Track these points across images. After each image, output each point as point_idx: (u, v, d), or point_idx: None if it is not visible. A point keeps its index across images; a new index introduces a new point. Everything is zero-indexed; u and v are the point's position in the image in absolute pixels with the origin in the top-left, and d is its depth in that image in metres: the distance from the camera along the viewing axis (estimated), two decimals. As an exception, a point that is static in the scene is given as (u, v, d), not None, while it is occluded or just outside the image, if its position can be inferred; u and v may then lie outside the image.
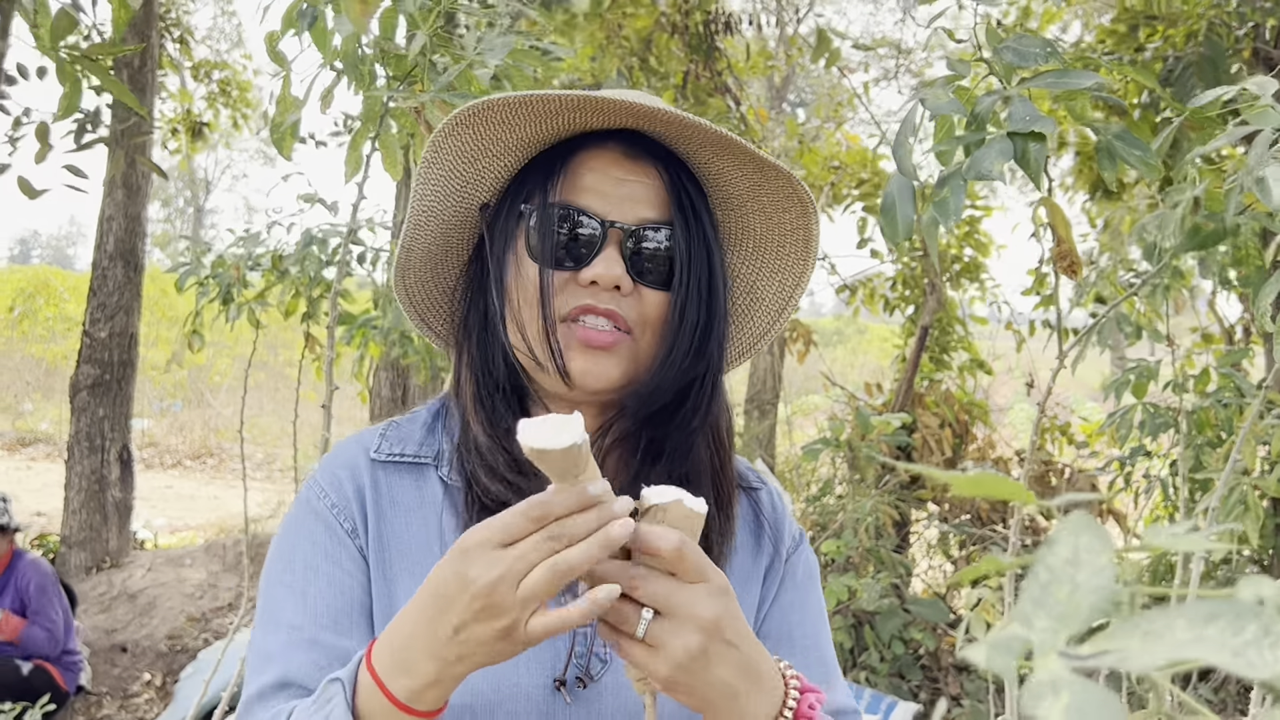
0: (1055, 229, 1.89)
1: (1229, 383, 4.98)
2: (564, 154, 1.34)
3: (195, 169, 41.33)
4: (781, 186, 1.34)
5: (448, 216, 1.39)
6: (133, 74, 8.20)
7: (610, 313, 1.29)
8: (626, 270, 1.29)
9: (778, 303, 1.47)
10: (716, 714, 1.08)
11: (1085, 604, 0.46)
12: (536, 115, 1.29)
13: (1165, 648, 0.42)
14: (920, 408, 8.42)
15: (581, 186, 1.31)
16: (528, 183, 1.35)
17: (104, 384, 8.12)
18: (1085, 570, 0.47)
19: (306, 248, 3.57)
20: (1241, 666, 0.40)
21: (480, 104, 1.27)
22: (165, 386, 19.17)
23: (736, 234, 1.44)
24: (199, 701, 4.47)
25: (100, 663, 7.04)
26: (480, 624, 0.98)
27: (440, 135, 1.31)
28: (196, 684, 6.25)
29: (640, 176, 1.32)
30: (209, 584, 7.97)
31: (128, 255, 8.18)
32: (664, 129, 1.31)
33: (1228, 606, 0.42)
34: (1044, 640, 0.45)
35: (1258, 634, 0.41)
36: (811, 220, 1.37)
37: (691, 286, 1.32)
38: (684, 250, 1.31)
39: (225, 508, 12.15)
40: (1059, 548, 0.49)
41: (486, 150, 1.34)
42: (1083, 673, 0.43)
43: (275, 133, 2.07)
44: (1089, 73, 1.63)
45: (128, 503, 8.41)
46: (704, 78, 7.96)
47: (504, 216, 1.36)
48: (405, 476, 1.37)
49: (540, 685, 1.28)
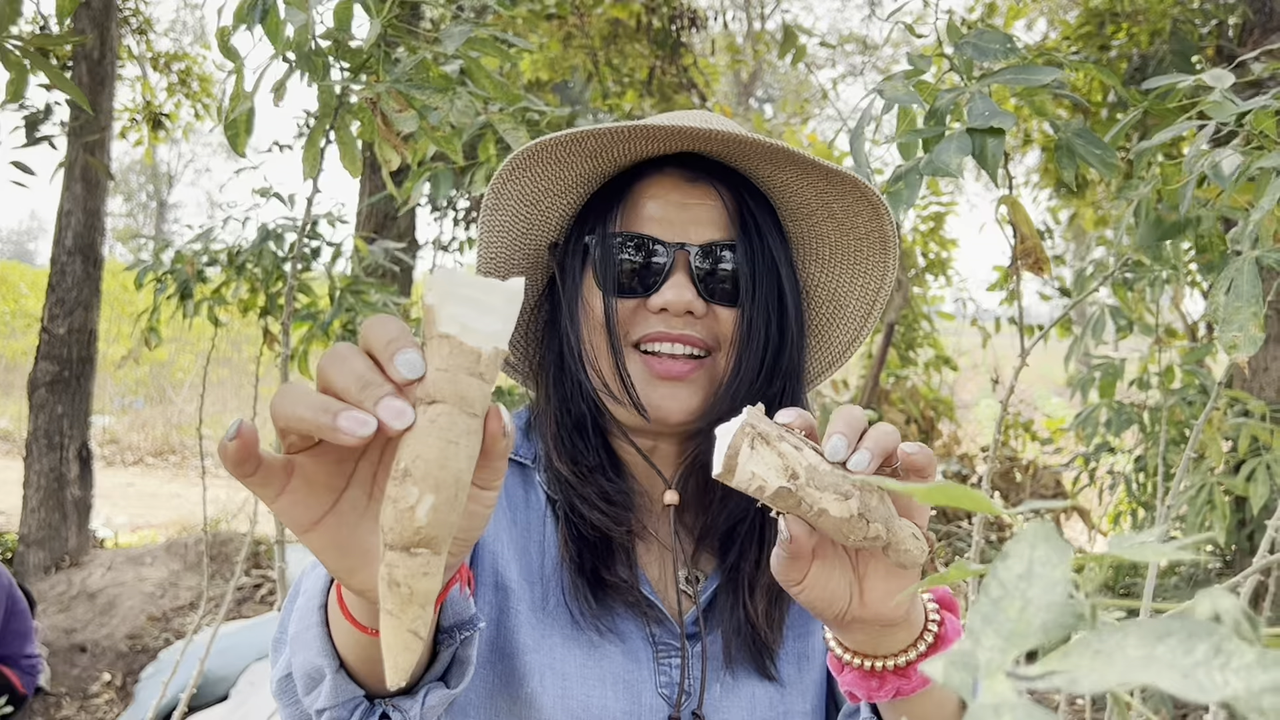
0: (1018, 226, 1.89)
1: (1193, 380, 5.01)
2: (624, 184, 1.33)
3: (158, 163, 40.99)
4: (849, 191, 1.32)
5: (518, 259, 1.39)
6: (92, 66, 8.09)
7: (683, 337, 1.28)
8: (698, 293, 1.28)
9: (862, 309, 1.43)
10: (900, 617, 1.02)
11: (1036, 621, 0.45)
12: (590, 151, 1.28)
13: (1115, 669, 0.40)
14: (886, 404, 8.46)
15: (644, 215, 1.30)
16: (591, 217, 1.34)
17: (63, 381, 8.03)
18: (1038, 585, 0.46)
19: (263, 243, 3.53)
20: (1191, 689, 0.38)
21: (534, 146, 1.26)
22: (126, 383, 18.99)
23: (811, 243, 1.42)
24: (158, 703, 4.42)
25: (59, 663, 6.96)
26: None
27: (499, 181, 1.30)
28: (157, 684, 6.19)
29: (701, 199, 1.31)
30: (170, 583, 7.89)
31: (87, 250, 8.08)
32: (722, 149, 1.30)
33: (1180, 625, 0.41)
34: (991, 659, 0.43)
35: (1208, 654, 0.39)
36: (885, 222, 1.35)
37: (759, 304, 1.30)
38: (749, 268, 1.30)
39: (187, 506, 12.05)
40: (1013, 561, 0.47)
41: (547, 190, 1.34)
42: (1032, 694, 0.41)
43: (229, 129, 2.04)
44: (1048, 68, 1.63)
45: (87, 501, 8.32)
46: (669, 74, 7.95)
47: (570, 253, 1.35)
48: (512, 473, 1.38)
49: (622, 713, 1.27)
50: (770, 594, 1.32)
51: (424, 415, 0.69)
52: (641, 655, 1.30)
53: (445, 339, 0.70)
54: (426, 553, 0.67)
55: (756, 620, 1.31)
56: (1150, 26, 5.66)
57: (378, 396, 0.70)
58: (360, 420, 0.69)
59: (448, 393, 0.69)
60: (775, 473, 0.87)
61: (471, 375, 0.70)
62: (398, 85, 2.07)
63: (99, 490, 8.75)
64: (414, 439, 0.68)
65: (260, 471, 0.74)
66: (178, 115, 11.23)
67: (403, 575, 0.67)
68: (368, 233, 7.30)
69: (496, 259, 1.36)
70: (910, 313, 8.78)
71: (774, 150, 1.26)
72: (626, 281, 1.28)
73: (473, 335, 0.70)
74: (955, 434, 9.04)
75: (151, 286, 3.97)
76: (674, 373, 1.27)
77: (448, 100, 2.16)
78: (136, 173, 40.03)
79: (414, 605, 0.67)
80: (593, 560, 1.29)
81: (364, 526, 0.80)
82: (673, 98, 8.01)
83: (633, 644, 1.30)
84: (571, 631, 1.29)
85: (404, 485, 0.67)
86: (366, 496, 0.80)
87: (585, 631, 1.29)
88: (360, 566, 0.80)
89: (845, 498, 0.88)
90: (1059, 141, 1.70)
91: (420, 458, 0.67)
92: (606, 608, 1.29)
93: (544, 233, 1.39)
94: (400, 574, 0.67)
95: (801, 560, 0.97)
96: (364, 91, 2.12)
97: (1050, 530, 0.47)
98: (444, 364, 0.69)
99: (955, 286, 9.20)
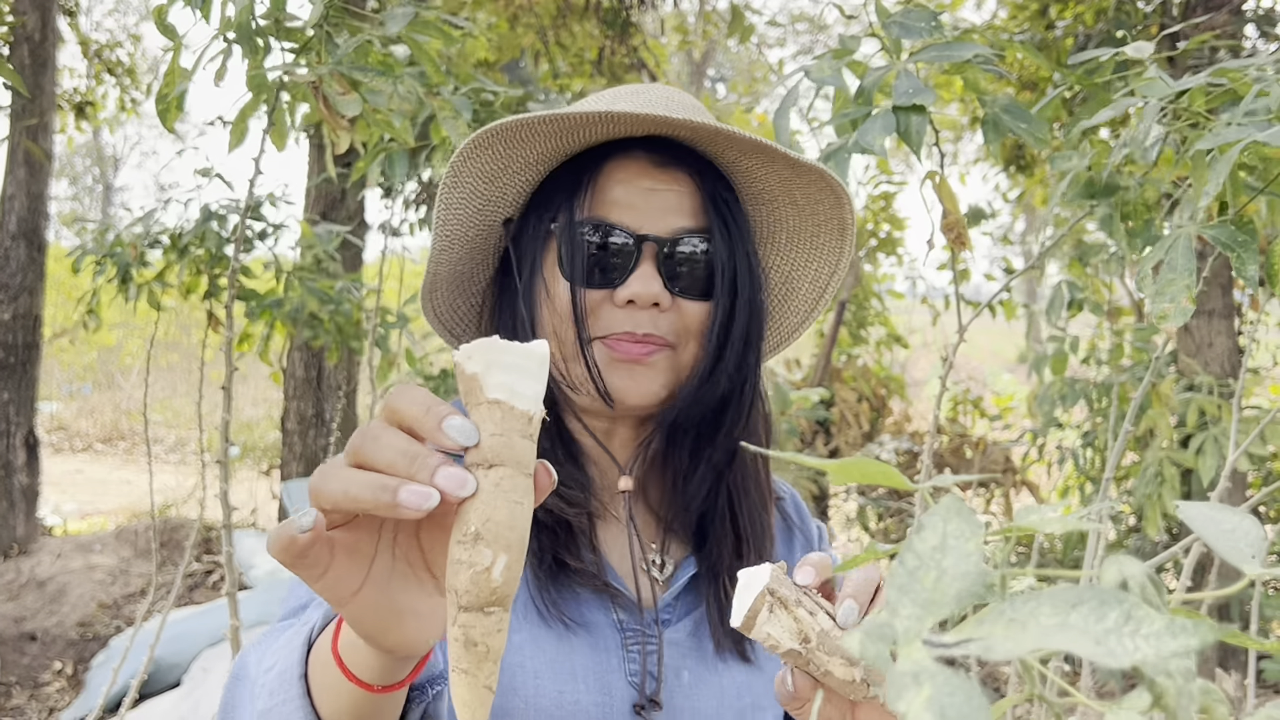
0: (942, 202, 1.91)
1: (1143, 356, 5.08)
2: (589, 165, 1.29)
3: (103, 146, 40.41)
4: (814, 180, 1.30)
5: (472, 235, 1.35)
6: (33, 48, 7.98)
7: (648, 337, 1.25)
8: (664, 285, 1.25)
9: (814, 291, 1.42)
10: None
11: (951, 590, 0.45)
12: (556, 131, 1.25)
13: (1029, 636, 0.41)
14: (838, 382, 8.51)
15: (610, 200, 1.26)
16: (554, 197, 1.31)
17: (8, 367, 7.93)
18: (952, 556, 0.46)
19: (204, 224, 3.49)
20: (1103, 655, 0.39)
21: (499, 126, 1.23)
22: (74, 369, 18.78)
23: (769, 228, 1.40)
24: (108, 690, 4.39)
25: (9, 652, 6.89)
26: None
27: (459, 159, 1.26)
28: (108, 672, 6.14)
29: (670, 184, 1.28)
30: (120, 570, 7.82)
31: (30, 235, 7.98)
32: (691, 134, 1.27)
33: (1091, 593, 0.41)
34: (909, 628, 0.44)
35: (1119, 620, 0.40)
36: (845, 210, 1.33)
37: (737, 296, 1.28)
38: (725, 257, 1.27)
39: (136, 491, 11.93)
40: (927, 534, 0.47)
41: (507, 168, 1.30)
42: (947, 661, 0.41)
43: (160, 104, 2.01)
44: (969, 44, 1.65)
45: (34, 488, 8.23)
46: (619, 54, 7.92)
47: (529, 234, 1.32)
48: None
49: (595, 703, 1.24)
50: None
51: (486, 479, 0.71)
52: (610, 644, 1.28)
53: (496, 404, 0.73)
54: (499, 610, 0.71)
55: None
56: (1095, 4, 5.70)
57: (432, 468, 0.72)
58: (423, 494, 0.70)
59: (506, 456, 0.72)
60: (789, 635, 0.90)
61: (524, 438, 0.73)
62: (339, 68, 2.05)
63: (47, 477, 8.67)
64: (481, 503, 0.71)
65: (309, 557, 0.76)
66: (101, 104, 11.01)
67: (480, 635, 0.70)
68: (316, 215, 7.24)
69: (452, 235, 1.33)
70: (861, 291, 8.84)
71: (744, 142, 1.24)
72: (594, 272, 1.25)
73: (520, 399, 0.73)
74: (906, 412, 9.11)
75: (90, 270, 3.92)
76: (633, 355, 1.25)
77: (390, 83, 2.14)
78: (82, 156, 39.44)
79: (489, 662, 0.71)
80: (552, 546, 1.27)
81: (394, 586, 0.81)
82: (623, 78, 7.99)
83: (600, 634, 1.28)
84: (538, 627, 1.26)
85: (477, 548, 0.70)
86: (391, 558, 0.82)
87: (552, 625, 1.26)
88: (394, 626, 0.81)
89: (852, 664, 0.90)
90: (986, 116, 1.72)
91: (491, 520, 0.70)
92: (571, 595, 1.27)
93: (499, 208, 1.35)
94: (477, 634, 0.70)
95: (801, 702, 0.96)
96: (308, 75, 2.10)
97: (962, 505, 0.48)
98: (498, 429, 0.73)
99: (906, 265, 9.26)
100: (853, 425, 8.25)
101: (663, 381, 1.27)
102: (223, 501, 2.53)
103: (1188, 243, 1.47)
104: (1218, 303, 5.53)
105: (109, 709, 5.49)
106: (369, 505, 0.72)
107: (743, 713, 1.30)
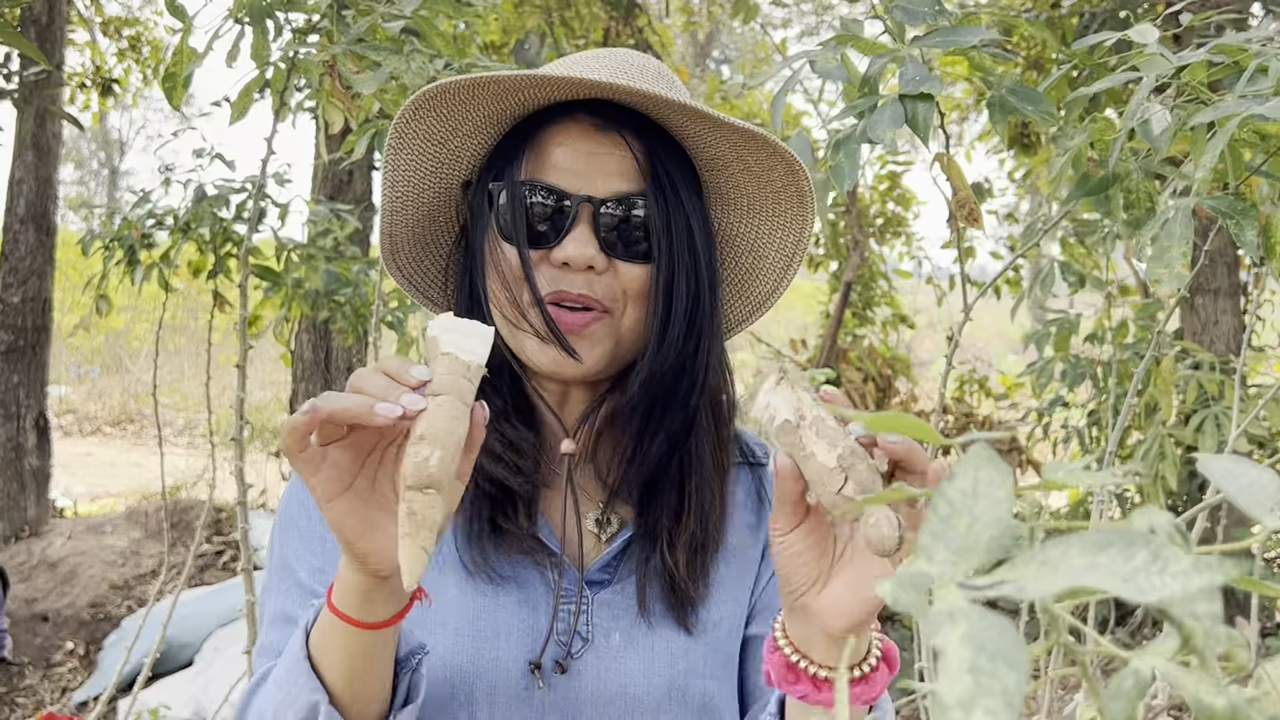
0: (952, 182, 1.92)
1: (1147, 335, 5.08)
2: (532, 129, 1.30)
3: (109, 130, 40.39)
4: (762, 147, 1.30)
5: (429, 198, 1.37)
6: (40, 30, 7.98)
7: (582, 298, 1.25)
8: (600, 248, 1.25)
9: (781, 260, 1.42)
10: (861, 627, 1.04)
11: (984, 536, 0.47)
12: (494, 94, 1.26)
13: (1060, 576, 0.43)
14: (844, 363, 8.51)
15: (550, 163, 1.27)
16: (499, 161, 1.32)
17: (18, 350, 7.95)
18: (984, 503, 0.48)
19: (198, 204, 3.49)
20: (1131, 591, 0.40)
21: (433, 89, 1.24)
22: (83, 352, 18.81)
23: (728, 193, 1.39)
24: (120, 669, 4.42)
25: (21, 633, 6.93)
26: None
27: (402, 121, 1.28)
28: (120, 652, 6.18)
29: (611, 148, 1.27)
30: (131, 551, 7.86)
31: (39, 219, 8.00)
32: (631, 100, 1.27)
33: (1120, 535, 0.43)
34: (943, 572, 0.46)
35: (1147, 560, 0.42)
36: (801, 178, 1.33)
37: (676, 257, 1.28)
38: (662, 220, 1.27)
39: (146, 474, 11.95)
40: (959, 481, 0.49)
41: (456, 130, 1.31)
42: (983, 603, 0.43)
43: (166, 82, 2.03)
44: (974, 29, 1.65)
45: (45, 470, 8.27)
46: (625, 35, 7.91)
47: (479, 196, 1.33)
48: None
49: (520, 660, 1.27)
50: (692, 546, 1.31)
51: (434, 402, 0.97)
52: (540, 603, 1.30)
53: (447, 356, 1.00)
54: (434, 492, 0.93)
55: (676, 571, 1.30)
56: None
57: (400, 393, 0.97)
58: (391, 409, 0.95)
59: (450, 389, 0.98)
60: (788, 408, 0.98)
61: (465, 380, 0.99)
62: (353, 47, 2.07)
63: (56, 460, 8.69)
64: (427, 417, 0.96)
65: (308, 452, 0.98)
66: (127, 81, 11.06)
67: (418, 507, 0.92)
68: (322, 196, 7.24)
69: (405, 197, 1.34)
70: (867, 271, 8.83)
71: (680, 107, 1.24)
72: (530, 232, 1.26)
73: (465, 354, 1.01)
74: (912, 391, 9.12)
75: (100, 254, 3.93)
76: (572, 325, 1.26)
77: (403, 60, 2.15)
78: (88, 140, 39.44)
79: (425, 530, 0.92)
80: (490, 511, 1.29)
81: (368, 502, 1.03)
82: (628, 59, 7.97)
83: (531, 591, 1.30)
84: (465, 585, 1.29)
85: (420, 445, 0.94)
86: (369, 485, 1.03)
87: (478, 583, 1.29)
88: (366, 533, 1.02)
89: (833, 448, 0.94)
90: (991, 97, 1.73)
91: (432, 426, 0.95)
92: (502, 555, 1.29)
93: (454, 171, 1.37)
94: (417, 506, 0.92)
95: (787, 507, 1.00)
96: (321, 55, 2.11)
97: (992, 454, 0.49)
98: (446, 372, 0.99)
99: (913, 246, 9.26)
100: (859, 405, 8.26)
101: (601, 350, 1.28)
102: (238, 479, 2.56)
103: (1186, 214, 1.49)
104: (1223, 281, 5.54)
105: (122, 688, 5.53)
106: (355, 413, 0.96)
107: (674, 679, 1.30)
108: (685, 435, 1.33)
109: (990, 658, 0.39)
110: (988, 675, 0.38)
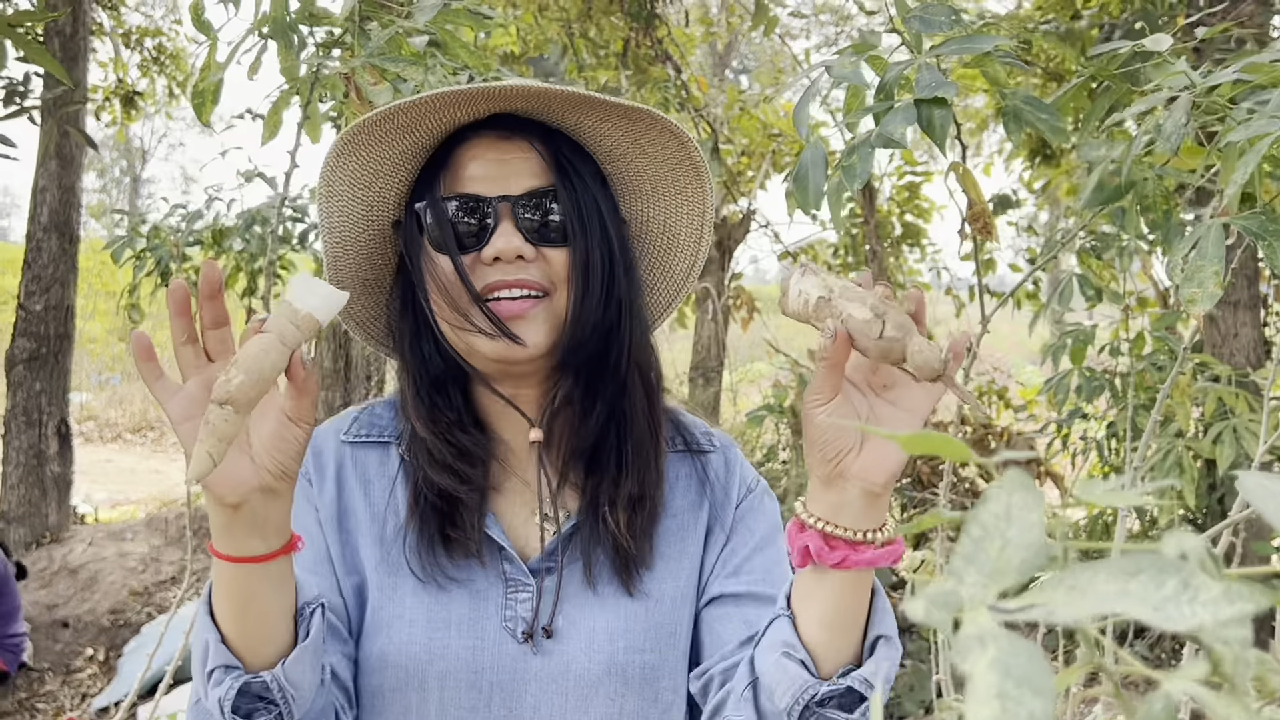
0: (967, 193, 1.93)
1: (1163, 346, 5.06)
2: (444, 155, 1.42)
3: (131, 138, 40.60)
4: (652, 126, 1.42)
5: (365, 241, 1.48)
6: (64, 41, 8.03)
7: (519, 281, 1.36)
8: (525, 239, 1.36)
9: (693, 236, 1.54)
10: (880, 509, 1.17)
11: (1016, 560, 0.47)
12: (404, 125, 1.37)
13: (1090, 601, 0.43)
14: (863, 373, 8.47)
15: (466, 175, 1.39)
16: (420, 188, 1.43)
17: (40, 357, 7.99)
18: (1017, 526, 0.48)
19: (249, 228, 3.52)
20: (1161, 620, 0.41)
21: (349, 130, 1.36)
22: (104, 360, 18.91)
23: (632, 181, 1.51)
24: (142, 676, 4.44)
25: (42, 638, 6.96)
26: None
27: (327, 169, 1.39)
28: (140, 659, 6.20)
29: (518, 152, 1.40)
30: (151, 558, 7.89)
31: (62, 227, 8.03)
32: (526, 104, 1.39)
33: (1150, 561, 0.44)
34: (974, 595, 0.46)
35: (1177, 588, 0.42)
36: (692, 150, 1.45)
37: (589, 237, 1.39)
38: (573, 206, 1.39)
39: (166, 481, 12.02)
40: (992, 504, 0.49)
41: (378, 171, 1.43)
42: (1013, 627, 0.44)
43: (196, 98, 2.05)
44: (988, 37, 1.68)
45: (67, 477, 8.30)
46: (644, 46, 7.93)
47: (409, 224, 1.44)
48: (372, 453, 1.50)
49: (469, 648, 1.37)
50: (630, 504, 1.42)
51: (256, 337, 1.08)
52: (490, 594, 1.40)
53: (287, 303, 1.10)
54: (230, 409, 1.04)
55: (618, 531, 1.40)
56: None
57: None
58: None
59: (273, 329, 1.09)
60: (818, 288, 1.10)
61: (291, 324, 1.09)
62: (372, 60, 2.09)
63: (78, 467, 8.73)
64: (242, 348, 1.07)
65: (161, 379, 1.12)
66: (153, 92, 11.12)
67: (214, 419, 1.03)
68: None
69: (344, 243, 1.46)
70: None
71: (568, 97, 1.36)
72: (460, 239, 1.37)
73: (301, 304, 1.11)
74: (931, 402, 9.08)
75: (130, 263, 3.96)
76: (514, 311, 1.35)
77: (422, 72, 2.17)
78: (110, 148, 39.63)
79: (213, 439, 1.03)
80: (439, 523, 1.40)
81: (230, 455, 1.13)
82: (648, 69, 7.99)
83: (479, 587, 1.40)
84: (418, 586, 1.40)
85: (228, 369, 1.05)
86: None
87: (428, 585, 1.39)
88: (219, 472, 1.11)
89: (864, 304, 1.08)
90: (1006, 108, 1.75)
91: (243, 354, 1.06)
92: (452, 561, 1.40)
93: (383, 213, 1.47)
94: (213, 417, 1.03)
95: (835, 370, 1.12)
96: (341, 67, 2.13)
97: (1026, 477, 0.50)
98: (278, 314, 1.10)
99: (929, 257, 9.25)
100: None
101: (545, 330, 1.38)
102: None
103: (1219, 232, 1.49)
104: (1243, 294, 5.52)
105: (143, 694, 5.55)
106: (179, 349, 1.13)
107: (614, 655, 1.39)
108: (620, 399, 1.44)
109: (1017, 684, 0.40)
110: (1015, 701, 0.39)
